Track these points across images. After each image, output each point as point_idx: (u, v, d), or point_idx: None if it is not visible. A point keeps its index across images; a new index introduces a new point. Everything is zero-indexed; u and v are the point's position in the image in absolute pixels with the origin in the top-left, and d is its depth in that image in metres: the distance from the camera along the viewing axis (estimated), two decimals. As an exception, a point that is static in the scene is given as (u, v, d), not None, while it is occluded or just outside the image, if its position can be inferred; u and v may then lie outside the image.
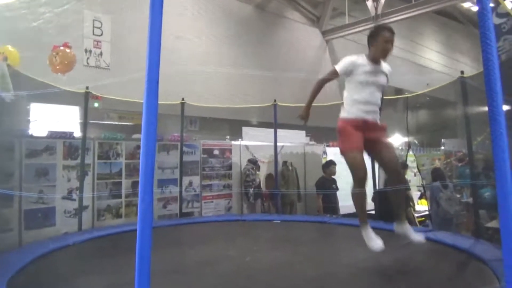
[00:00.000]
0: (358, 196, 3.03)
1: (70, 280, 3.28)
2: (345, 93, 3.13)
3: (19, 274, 3.32)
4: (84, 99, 5.58)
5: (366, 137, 3.04)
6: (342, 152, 3.06)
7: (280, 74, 10.99)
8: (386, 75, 3.21)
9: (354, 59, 3.09)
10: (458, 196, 6.62)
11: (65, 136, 5.53)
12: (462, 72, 4.78)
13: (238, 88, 10.35)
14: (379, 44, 3.02)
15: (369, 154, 3.18)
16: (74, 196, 5.38)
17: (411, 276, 3.37)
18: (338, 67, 3.13)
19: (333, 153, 7.87)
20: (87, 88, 5.61)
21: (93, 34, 8.40)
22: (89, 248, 4.45)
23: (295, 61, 12.46)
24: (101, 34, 8.51)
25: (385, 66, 3.21)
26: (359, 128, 3.01)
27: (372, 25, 12.38)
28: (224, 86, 10.15)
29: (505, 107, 3.21)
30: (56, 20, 7.07)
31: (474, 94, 4.81)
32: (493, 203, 5.38)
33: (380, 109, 3.25)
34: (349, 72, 3.10)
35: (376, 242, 3.07)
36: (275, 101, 6.93)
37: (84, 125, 5.51)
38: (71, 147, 5.50)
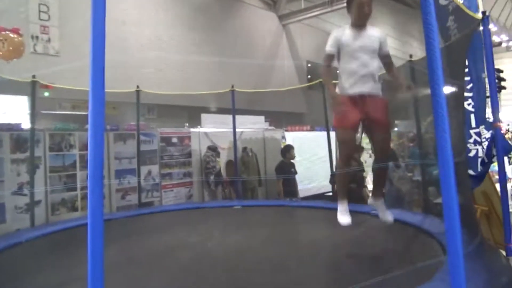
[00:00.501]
0: (341, 173, 3.06)
1: (22, 278, 3.16)
2: (340, 69, 3.04)
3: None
4: (31, 89, 5.29)
5: (363, 112, 2.94)
6: (334, 127, 3.13)
7: (237, 59, 10.94)
8: (378, 39, 3.10)
9: (336, 32, 3.05)
10: (410, 174, 6.93)
11: (12, 128, 5.24)
12: (410, 56, 4.97)
13: (195, 74, 10.21)
14: (356, 9, 3.01)
15: (364, 128, 3.14)
16: (25, 191, 5.13)
17: (366, 251, 3.53)
18: (328, 47, 3.06)
19: (291, 137, 7.99)
20: (33, 76, 5.31)
21: (39, 19, 7.93)
22: (43, 245, 4.30)
23: (252, 46, 12.43)
24: (48, 19, 8.06)
25: (374, 31, 3.14)
26: (354, 103, 2.92)
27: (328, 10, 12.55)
28: (180, 72, 9.98)
29: (451, 89, 3.39)
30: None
31: (422, 77, 5.02)
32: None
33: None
34: (338, 46, 3.02)
35: (344, 218, 3.17)
36: (232, 87, 6.90)
37: (32, 116, 5.23)
38: (19, 140, 5.22)
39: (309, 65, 14.81)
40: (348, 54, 3.00)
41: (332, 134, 6.91)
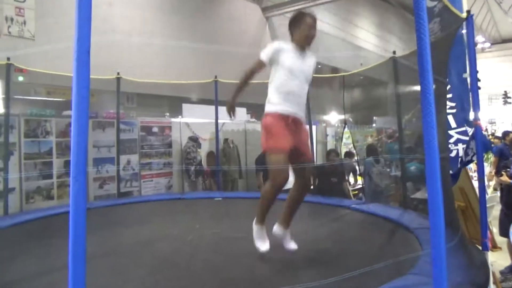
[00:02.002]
0: (271, 198, 2.75)
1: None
2: (272, 84, 2.81)
3: None
4: (6, 72, 5.07)
5: (294, 138, 2.73)
6: (267, 151, 2.73)
7: (220, 48, 10.81)
8: (313, 66, 2.99)
9: (281, 44, 2.83)
10: (388, 170, 7.07)
11: (-16, 112, 5.04)
12: (394, 52, 5.03)
13: (178, 63, 10.04)
14: (303, 30, 2.82)
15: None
16: (-2, 177, 4.95)
17: (345, 245, 3.57)
18: (263, 55, 2.83)
19: (273, 130, 7.99)
20: (8, 59, 5.10)
21: (15, 0, 7.61)
22: (17, 233, 4.15)
23: (235, 37, 12.31)
24: (24, 1, 7.74)
25: (312, 57, 2.98)
26: (288, 125, 2.69)
27: (304, 6, 12.56)
28: (162, 61, 9.79)
29: (434, 86, 3.43)
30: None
31: (404, 74, 5.09)
32: (418, 176, 5.85)
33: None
34: (276, 59, 2.81)
35: (262, 244, 2.89)
36: (216, 77, 6.82)
37: (6, 101, 5.03)
38: (-8, 125, 5.02)
39: (291, 58, 14.82)
40: (291, 71, 2.78)
41: (314, 128, 6.97)
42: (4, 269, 3.03)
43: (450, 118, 3.54)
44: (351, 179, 7.55)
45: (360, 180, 7.41)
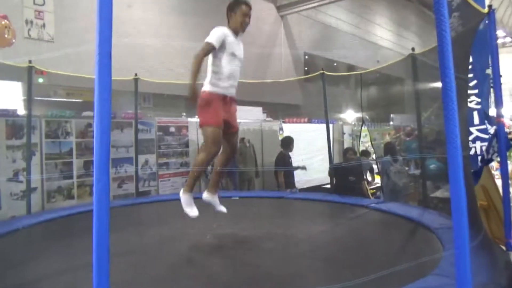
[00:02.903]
0: (202, 164, 3.06)
1: (21, 266, 3.12)
2: (212, 66, 3.04)
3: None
4: (28, 74, 5.19)
5: (226, 113, 3.09)
6: (202, 125, 3.03)
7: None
8: (242, 50, 3.29)
9: (225, 30, 3.05)
10: (406, 168, 6.97)
11: (8, 114, 5.16)
12: (413, 49, 4.94)
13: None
14: (238, 17, 3.08)
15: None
16: (21, 178, 5.07)
17: (364, 246, 3.53)
18: (213, 40, 3.00)
19: (289, 129, 7.98)
20: (30, 62, 5.21)
21: (34, 3, 7.79)
22: (40, 232, 4.25)
23: (250, 36, 12.29)
24: (43, 4, 7.91)
25: (240, 40, 3.28)
26: (222, 103, 3.03)
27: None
28: (179, 61, 9.85)
29: (456, 83, 3.37)
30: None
31: (423, 71, 5.01)
32: (437, 174, 5.76)
33: None
34: (222, 43, 3.04)
35: (192, 210, 3.21)
36: (232, 77, 6.83)
37: (29, 102, 5.14)
38: (15, 126, 5.14)
39: (306, 57, 14.74)
40: (230, 56, 3.06)
41: (331, 126, 6.92)
42: (27, 267, 3.10)
43: (475, 114, 3.47)
44: (369, 178, 7.47)
45: (378, 178, 7.34)
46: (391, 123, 11.35)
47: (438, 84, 1.84)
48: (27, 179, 4.98)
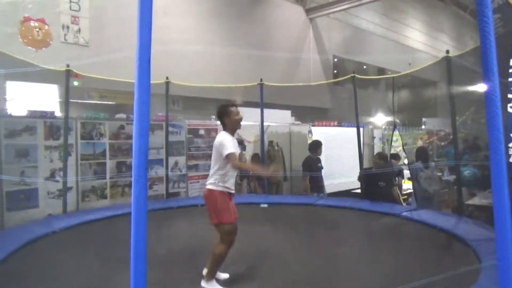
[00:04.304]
0: (224, 257, 3.05)
1: (58, 267, 3.23)
2: (223, 170, 3.13)
3: (5, 261, 3.25)
4: (65, 78, 5.38)
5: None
6: (223, 223, 3.06)
7: (264, 52, 10.87)
8: None
9: (230, 137, 3.21)
10: (439, 174, 6.76)
11: (46, 115, 5.36)
12: (447, 52, 4.79)
13: (223, 67, 10.21)
14: (233, 118, 3.24)
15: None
16: (58, 177, 5.25)
17: (396, 256, 3.44)
18: (234, 148, 3.15)
19: (318, 132, 7.90)
20: (68, 66, 5.41)
21: (71, 9, 8.08)
22: (76, 233, 4.37)
23: (279, 40, 12.32)
24: (79, 10, 8.19)
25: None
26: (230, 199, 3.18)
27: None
28: (209, 65, 9.99)
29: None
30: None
31: (458, 73, 4.86)
32: (472, 181, 5.55)
33: None
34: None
35: None
36: (261, 80, 6.86)
37: (66, 104, 5.33)
38: (53, 127, 5.34)
39: (335, 59, 14.60)
40: None
41: (361, 130, 6.80)
42: (64, 265, 3.20)
43: None
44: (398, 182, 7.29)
45: (408, 184, 7.16)
46: (423, 127, 11.04)
47: (475, 88, 1.78)
48: (64, 180, 5.15)
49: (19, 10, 6.40)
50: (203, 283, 2.96)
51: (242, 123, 3.35)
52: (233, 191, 3.20)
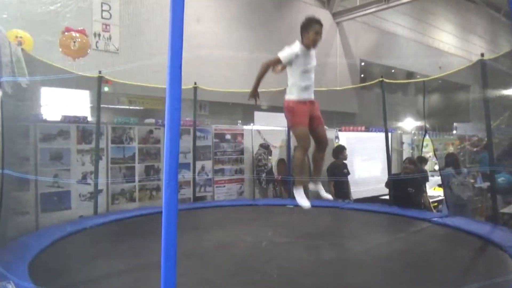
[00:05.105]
0: (301, 160, 3.52)
1: (90, 263, 3.32)
2: (291, 80, 3.47)
3: (39, 257, 3.37)
4: (97, 84, 5.56)
5: (310, 111, 3.48)
6: (293, 126, 3.59)
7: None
8: (315, 60, 3.59)
9: (296, 50, 3.40)
10: (472, 181, 6.55)
11: (79, 120, 5.53)
12: (482, 55, 4.65)
13: (250, 72, 10.24)
14: (311, 35, 3.38)
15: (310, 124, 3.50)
16: (89, 180, 5.41)
17: (424, 262, 3.36)
18: (282, 56, 3.44)
19: (345, 137, 7.82)
20: (99, 72, 5.58)
21: (102, 17, 8.35)
22: (106, 232, 4.50)
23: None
24: (110, 18, 8.45)
25: (313, 53, 3.58)
26: (305, 106, 3.43)
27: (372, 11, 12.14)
28: (236, 70, 10.08)
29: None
30: (66, 3, 7.05)
31: (493, 77, 4.70)
32: (508, 188, 5.35)
33: None
34: (291, 61, 3.43)
35: (305, 201, 3.46)
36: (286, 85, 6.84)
37: (98, 110, 5.50)
38: (85, 132, 5.51)
39: (362, 63, 14.43)
40: (304, 71, 3.45)
41: (390, 135, 6.68)
42: (95, 265, 3.29)
43: None
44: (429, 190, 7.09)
45: (438, 191, 6.96)
46: (454, 132, 10.72)
47: (511, 92, 1.72)
48: (95, 182, 5.30)
49: (58, 19, 6.67)
50: (294, 189, 3.49)
51: (267, 128, 3.53)
52: (306, 99, 3.38)
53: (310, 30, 3.37)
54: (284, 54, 3.43)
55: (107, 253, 3.62)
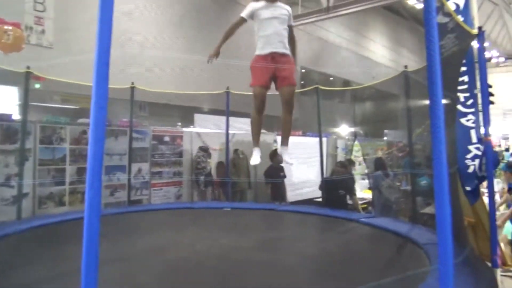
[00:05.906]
0: (255, 121, 3.58)
1: (10, 271, 3.11)
2: (256, 34, 3.53)
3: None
4: (25, 80, 5.22)
5: (275, 69, 3.43)
6: (251, 85, 3.51)
7: (231, 60, 10.91)
8: (287, 10, 3.59)
9: (254, 4, 3.50)
10: (398, 184, 7.01)
11: (2, 118, 5.16)
12: (405, 67, 5.04)
13: (190, 73, 10.17)
14: None
15: (275, 82, 3.50)
16: (13, 183, 5.05)
17: (353, 259, 3.56)
18: (244, 13, 3.55)
19: (283, 141, 8.00)
20: (28, 68, 5.25)
21: (35, 9, 7.84)
22: (30, 238, 4.23)
23: (247, 48, 12.42)
24: (44, 10, 7.97)
25: (283, 5, 3.61)
26: (265, 62, 3.41)
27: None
28: (175, 71, 9.93)
29: (444, 101, 3.44)
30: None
31: (415, 88, 5.10)
32: (428, 190, 5.80)
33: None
34: (252, 15, 3.50)
35: (255, 159, 3.61)
36: (227, 88, 6.90)
37: (24, 108, 5.16)
38: (9, 131, 5.14)
39: (303, 70, 14.88)
40: (264, 21, 3.49)
41: (325, 140, 6.99)
42: (16, 273, 3.09)
43: (472, 132, 3.49)
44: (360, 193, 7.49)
45: (367, 193, 7.37)
46: (385, 138, 11.42)
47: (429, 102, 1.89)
48: (19, 183, 4.96)
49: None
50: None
51: (207, 130, 3.53)
52: (270, 52, 3.32)
53: None
54: (244, 11, 3.53)
55: (27, 261, 3.41)
